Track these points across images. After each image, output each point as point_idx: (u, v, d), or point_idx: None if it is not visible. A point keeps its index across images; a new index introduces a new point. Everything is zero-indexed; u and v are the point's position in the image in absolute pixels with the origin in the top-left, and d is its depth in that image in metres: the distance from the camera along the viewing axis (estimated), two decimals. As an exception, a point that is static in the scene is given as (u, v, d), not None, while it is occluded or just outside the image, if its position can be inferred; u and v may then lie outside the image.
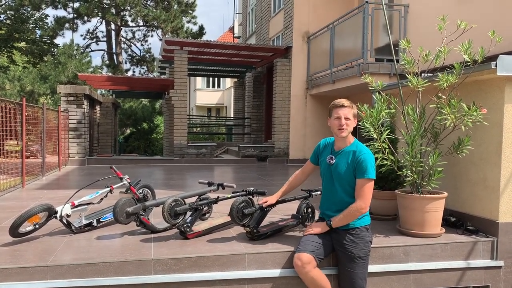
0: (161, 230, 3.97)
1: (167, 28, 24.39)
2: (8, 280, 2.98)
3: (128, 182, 4.19)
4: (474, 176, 4.17)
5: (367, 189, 3.20)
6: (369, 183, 3.20)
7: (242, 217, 3.63)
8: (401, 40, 4.39)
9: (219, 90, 35.13)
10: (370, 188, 3.22)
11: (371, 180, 3.20)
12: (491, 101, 3.97)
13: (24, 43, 27.24)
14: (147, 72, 28.85)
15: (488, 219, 3.99)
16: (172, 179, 8.32)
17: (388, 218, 4.58)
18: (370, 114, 3.96)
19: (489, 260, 3.88)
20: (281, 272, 3.38)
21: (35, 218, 3.66)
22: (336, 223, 3.25)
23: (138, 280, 3.17)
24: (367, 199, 3.21)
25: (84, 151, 11.23)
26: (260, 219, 3.75)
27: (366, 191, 3.20)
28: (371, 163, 3.21)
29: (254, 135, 14.70)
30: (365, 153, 3.23)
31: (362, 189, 3.20)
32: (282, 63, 11.71)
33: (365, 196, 3.20)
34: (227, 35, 32.19)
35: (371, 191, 3.23)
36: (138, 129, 23.52)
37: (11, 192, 6.40)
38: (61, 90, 11.10)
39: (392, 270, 3.65)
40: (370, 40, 8.10)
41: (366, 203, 3.21)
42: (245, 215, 3.64)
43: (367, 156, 3.21)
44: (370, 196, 3.23)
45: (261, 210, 3.72)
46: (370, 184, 3.21)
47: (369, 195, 3.21)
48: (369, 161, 3.21)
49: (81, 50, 24.24)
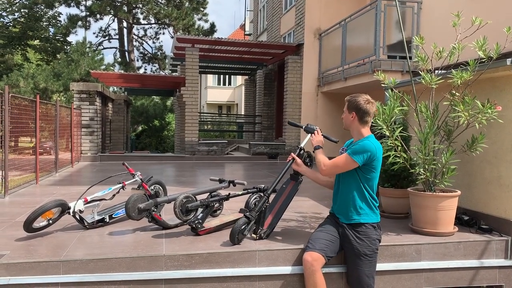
0: (172, 226, 3.99)
1: (179, 25, 24.48)
2: (22, 275, 3.03)
3: (140, 179, 4.22)
4: (488, 175, 4.12)
5: (340, 160, 3.24)
6: (347, 158, 3.20)
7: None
8: (414, 36, 4.35)
9: (230, 88, 35.15)
10: (342, 162, 3.23)
11: (350, 158, 3.17)
12: (506, 98, 3.91)
13: (38, 41, 27.58)
14: (159, 70, 28.99)
15: (503, 218, 3.94)
16: (183, 176, 8.36)
17: (401, 216, 4.55)
18: (382, 112, 3.92)
19: (503, 259, 3.83)
20: (292, 270, 3.38)
21: (49, 214, 3.71)
22: (316, 153, 3.45)
23: (149, 276, 3.19)
24: (331, 165, 3.28)
25: (97, 148, 11.34)
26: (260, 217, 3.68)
27: (338, 161, 3.25)
28: (365, 149, 3.16)
29: (265, 132, 14.69)
30: (368, 140, 3.22)
31: (338, 158, 3.27)
32: (293, 60, 11.66)
33: (333, 162, 3.26)
34: (238, 32, 32.18)
35: (341, 164, 3.24)
36: (150, 127, 23.64)
37: (25, 188, 6.49)
38: (73, 88, 11.21)
39: (404, 268, 3.62)
40: (383, 37, 8.02)
41: (327, 167, 3.29)
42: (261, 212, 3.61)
43: (366, 143, 3.19)
44: (335, 168, 3.28)
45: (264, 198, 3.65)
46: (346, 160, 3.20)
47: (336, 164, 3.26)
48: (365, 147, 3.17)
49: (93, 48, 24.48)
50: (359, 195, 3.26)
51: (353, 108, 3.27)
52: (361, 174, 3.24)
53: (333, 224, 3.40)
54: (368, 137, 3.27)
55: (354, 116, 3.27)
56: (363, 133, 3.30)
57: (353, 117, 3.28)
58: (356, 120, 3.28)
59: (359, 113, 3.25)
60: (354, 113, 3.27)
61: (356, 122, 3.29)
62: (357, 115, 3.26)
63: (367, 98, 3.29)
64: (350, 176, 3.28)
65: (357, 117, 3.27)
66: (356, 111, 3.26)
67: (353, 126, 3.32)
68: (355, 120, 3.28)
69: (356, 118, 3.27)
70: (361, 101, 3.25)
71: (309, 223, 4.27)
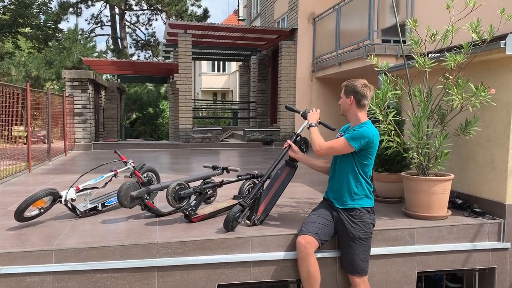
0: (165, 214, 3.97)
1: (171, 11, 24.23)
2: (13, 264, 3.01)
3: (133, 166, 4.19)
4: (482, 158, 4.12)
5: (336, 143, 3.25)
6: (343, 141, 3.19)
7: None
8: (408, 19, 4.29)
9: (224, 74, 34.94)
10: (339, 145, 3.22)
11: (348, 142, 3.17)
12: (500, 81, 3.89)
13: (29, 29, 27.17)
14: (152, 57, 28.76)
15: (496, 201, 3.95)
16: (178, 163, 8.33)
17: (394, 201, 4.56)
18: (376, 96, 3.89)
19: (496, 242, 3.85)
20: (285, 255, 3.38)
21: (40, 203, 3.68)
22: (310, 131, 3.42)
23: (143, 264, 3.18)
24: (327, 147, 3.26)
25: (90, 136, 11.26)
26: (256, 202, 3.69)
27: (334, 143, 3.26)
28: (363, 135, 3.15)
29: (259, 119, 14.64)
30: (367, 127, 3.21)
31: (335, 140, 3.28)
32: (287, 45, 11.57)
33: (329, 143, 3.26)
34: (231, 18, 31.87)
35: (337, 147, 3.23)
36: (144, 114, 23.53)
37: (18, 177, 6.44)
38: (65, 75, 11.08)
39: (397, 252, 3.63)
40: (377, 21, 7.95)
41: (322, 147, 3.27)
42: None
43: (365, 129, 3.18)
44: (330, 149, 3.27)
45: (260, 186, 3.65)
46: (344, 144, 3.19)
47: (332, 146, 3.26)
48: (363, 133, 3.16)
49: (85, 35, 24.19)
50: (355, 180, 3.26)
51: (351, 92, 3.26)
52: (357, 159, 3.24)
53: (327, 208, 3.41)
54: (366, 123, 3.26)
55: (352, 100, 3.26)
56: (361, 118, 3.29)
57: (351, 101, 3.27)
58: (354, 104, 3.27)
59: (357, 96, 3.24)
60: (352, 96, 3.25)
61: (354, 106, 3.27)
62: (355, 98, 3.25)
63: (365, 82, 3.29)
64: (346, 161, 3.28)
65: (355, 100, 3.26)
66: (354, 94, 3.25)
67: (350, 111, 3.31)
68: (353, 104, 3.27)
69: (354, 102, 3.26)
70: (358, 85, 3.25)
71: (302, 209, 4.26)
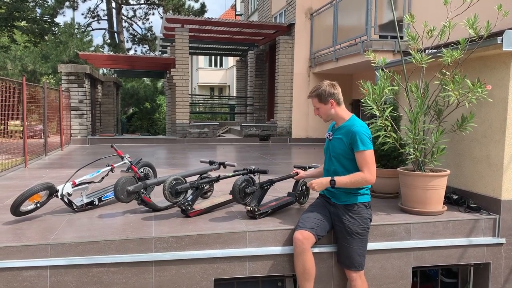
0: (162, 209, 3.98)
1: (168, 5, 24.11)
2: (10, 258, 3.01)
3: (129, 161, 4.18)
4: (478, 154, 4.13)
5: (368, 158, 3.18)
6: (367, 152, 3.17)
7: (244, 197, 3.63)
8: (405, 15, 4.29)
9: (221, 69, 34.85)
10: (371, 157, 3.19)
11: (368, 150, 3.17)
12: (496, 77, 3.90)
13: (25, 22, 26.98)
14: (149, 51, 28.65)
15: (491, 196, 3.97)
16: (174, 158, 8.32)
17: (390, 196, 4.57)
18: (372, 91, 3.90)
19: (491, 237, 3.87)
20: (282, 250, 3.39)
21: (36, 197, 3.67)
22: (339, 182, 3.22)
23: (139, 258, 3.18)
24: (371, 168, 3.18)
25: (87, 130, 11.23)
26: (260, 198, 3.76)
27: (368, 161, 3.18)
28: (365, 135, 3.18)
29: (256, 114, 14.63)
30: (357, 125, 3.21)
31: (363, 160, 3.19)
32: (284, 40, 11.55)
33: (368, 165, 3.17)
34: (229, 12, 31.76)
35: (373, 160, 3.20)
36: (141, 109, 23.48)
37: (14, 172, 6.42)
38: (62, 70, 11.03)
39: (393, 247, 3.65)
40: (374, 17, 7.95)
41: (372, 172, 3.18)
42: (247, 194, 3.64)
43: (359, 129, 3.19)
44: (374, 166, 3.20)
45: (261, 188, 3.73)
46: (369, 153, 3.18)
47: (372, 164, 3.19)
48: (362, 133, 3.17)
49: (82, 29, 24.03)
50: None
51: (328, 96, 3.28)
52: (353, 155, 3.24)
53: (324, 203, 3.43)
54: (352, 120, 3.29)
55: (333, 102, 3.29)
56: (344, 115, 3.33)
57: (332, 105, 3.29)
58: (335, 105, 3.30)
59: (335, 96, 3.28)
60: (331, 100, 3.28)
61: (335, 107, 3.30)
62: (334, 99, 3.28)
63: (328, 81, 3.35)
64: (342, 156, 3.29)
65: (335, 102, 3.29)
66: (331, 97, 3.27)
67: (334, 113, 3.33)
68: (334, 105, 3.30)
69: (334, 103, 3.29)
70: (329, 87, 3.29)
71: (299, 205, 4.27)
